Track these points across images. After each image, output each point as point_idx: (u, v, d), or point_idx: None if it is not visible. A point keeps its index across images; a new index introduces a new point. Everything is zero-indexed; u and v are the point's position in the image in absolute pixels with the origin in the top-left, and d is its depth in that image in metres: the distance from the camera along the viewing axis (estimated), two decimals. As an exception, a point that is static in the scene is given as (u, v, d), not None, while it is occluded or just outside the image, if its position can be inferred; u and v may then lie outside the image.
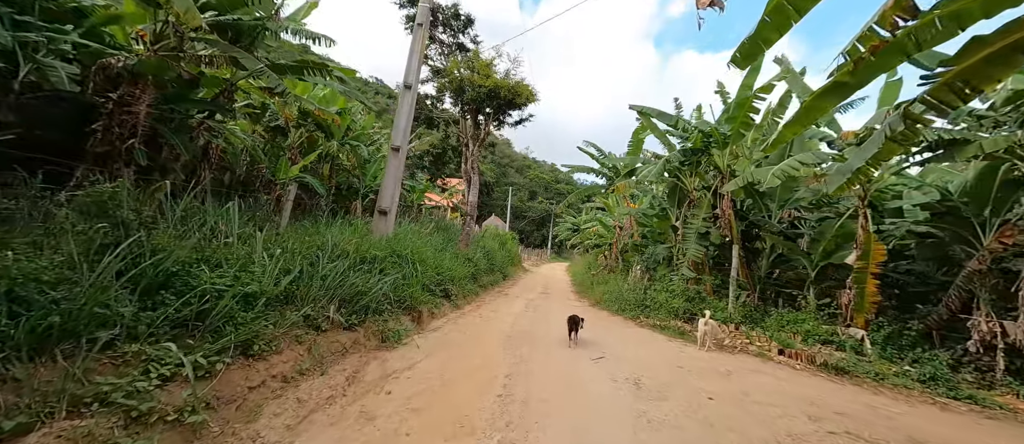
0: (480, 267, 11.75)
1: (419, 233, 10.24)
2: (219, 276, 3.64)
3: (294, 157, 11.60)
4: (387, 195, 7.78)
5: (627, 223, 13.30)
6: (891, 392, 4.93)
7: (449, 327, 6.84)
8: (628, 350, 5.87)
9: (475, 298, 10.42)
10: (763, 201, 8.51)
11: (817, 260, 7.14)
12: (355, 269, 5.57)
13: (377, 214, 7.76)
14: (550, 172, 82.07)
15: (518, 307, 9.83)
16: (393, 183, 7.83)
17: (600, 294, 10.77)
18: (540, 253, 45.77)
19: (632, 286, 9.44)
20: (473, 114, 12.13)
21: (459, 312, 8.28)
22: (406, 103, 8.05)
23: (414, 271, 7.06)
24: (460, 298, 9.30)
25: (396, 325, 5.86)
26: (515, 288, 14.44)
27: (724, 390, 4.25)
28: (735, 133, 7.93)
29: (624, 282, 10.36)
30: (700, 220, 8.41)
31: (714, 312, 7.32)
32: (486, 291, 12.06)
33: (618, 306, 9.07)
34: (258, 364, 3.55)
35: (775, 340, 6.29)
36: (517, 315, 8.62)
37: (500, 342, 6.08)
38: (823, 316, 6.76)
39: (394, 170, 7.85)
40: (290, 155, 11.57)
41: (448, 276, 8.98)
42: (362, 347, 4.93)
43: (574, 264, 28.03)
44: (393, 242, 7.47)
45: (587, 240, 25.24)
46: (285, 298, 4.40)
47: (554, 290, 14.69)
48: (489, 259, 15.33)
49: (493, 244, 19.14)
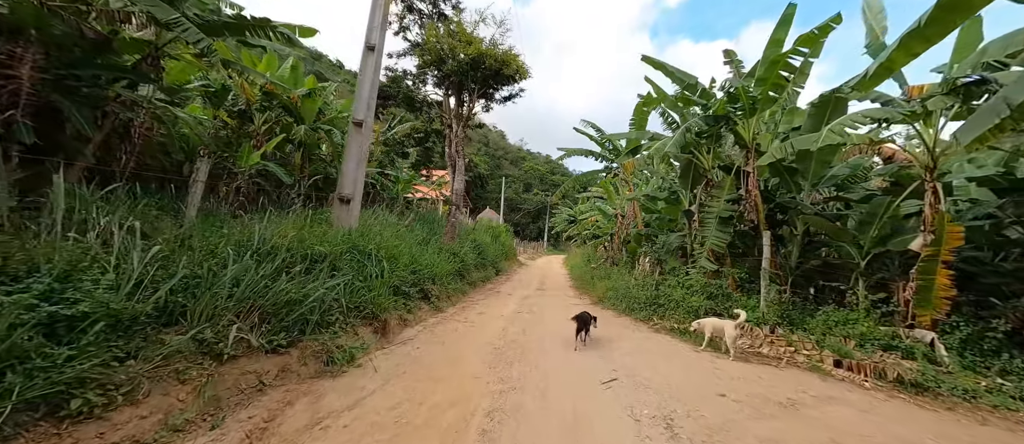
0: (468, 262, 10.48)
1: (395, 225, 8.92)
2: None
3: (259, 143, 10.28)
4: (349, 179, 6.45)
5: (630, 210, 12.05)
6: (997, 417, 3.73)
7: (423, 337, 5.57)
8: (647, 366, 4.62)
9: (461, 298, 9.14)
10: (793, 179, 7.26)
11: (868, 246, 5.91)
12: (290, 270, 4.26)
13: (337, 203, 6.43)
14: (545, 163, 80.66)
15: (510, 307, 8.57)
16: (356, 164, 6.49)
17: (603, 290, 9.53)
18: (536, 246, 44.58)
19: (641, 281, 8.20)
20: (456, 90, 10.74)
21: (439, 316, 7.01)
22: (370, 68, 6.67)
23: (380, 270, 5.76)
24: (442, 299, 8.02)
25: (350, 341, 4.57)
26: (508, 284, 13.19)
27: (801, 437, 3.01)
28: (764, 98, 6.64)
29: (630, 276, 9.13)
30: (722, 203, 7.15)
31: (744, 311, 6.10)
32: (475, 289, 10.79)
33: (625, 305, 7.83)
34: (84, 427, 2.25)
35: (826, 347, 5.07)
36: (509, 318, 7.36)
37: (484, 357, 4.81)
38: (877, 315, 5.55)
39: (356, 149, 6.51)
40: (255, 141, 10.23)
41: (427, 274, 7.69)
42: (292, 377, 3.64)
43: (571, 256, 26.81)
44: (356, 236, 6.16)
45: (585, 231, 24.02)
46: (164, 316, 3.08)
47: (551, 286, 13.45)
48: (480, 253, 14.06)
49: (485, 237, 17.84)
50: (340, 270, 5.14)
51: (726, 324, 5.13)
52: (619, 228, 12.29)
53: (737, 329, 5.04)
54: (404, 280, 6.46)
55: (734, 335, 5.03)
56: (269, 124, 10.90)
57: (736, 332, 5.03)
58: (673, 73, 7.51)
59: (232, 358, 3.29)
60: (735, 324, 5.04)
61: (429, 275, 7.83)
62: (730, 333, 5.02)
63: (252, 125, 10.64)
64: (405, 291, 6.49)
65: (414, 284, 7.02)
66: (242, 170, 8.98)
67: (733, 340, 5.03)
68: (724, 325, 5.14)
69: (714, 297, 6.55)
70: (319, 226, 6.02)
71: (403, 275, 6.43)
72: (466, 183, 42.29)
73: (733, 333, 5.01)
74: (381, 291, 5.45)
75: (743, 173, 7.22)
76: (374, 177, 13.99)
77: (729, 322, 5.13)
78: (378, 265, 5.81)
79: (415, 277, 7.08)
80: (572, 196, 41.15)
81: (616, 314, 7.87)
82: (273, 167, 9.20)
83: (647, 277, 8.17)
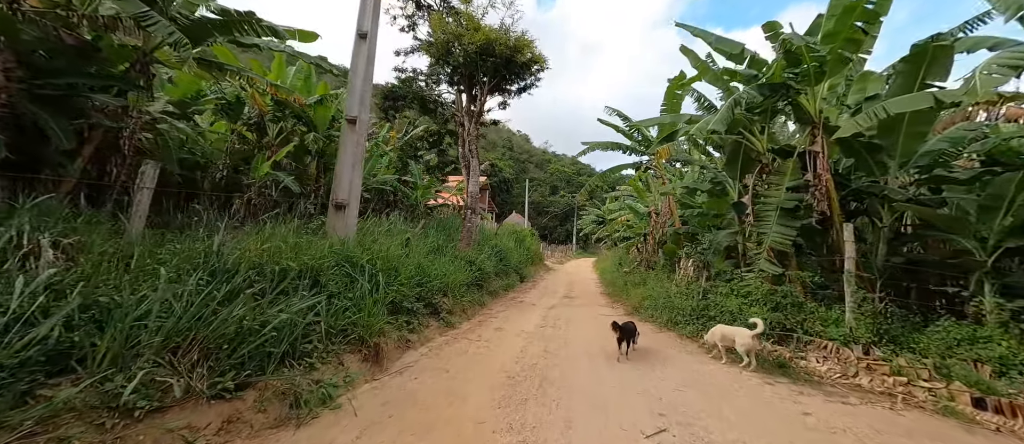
0: (487, 270, 9.60)
1: (405, 232, 8.19)
2: None
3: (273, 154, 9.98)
4: (343, 182, 5.75)
5: (665, 207, 10.77)
6: None
7: (425, 363, 4.70)
8: (706, 408, 3.51)
9: (478, 310, 8.25)
10: (874, 158, 5.86)
11: (995, 238, 4.49)
12: (252, 289, 3.51)
13: (332, 209, 5.74)
14: (571, 165, 79.04)
15: (533, 320, 7.58)
16: (351, 166, 5.79)
17: (639, 298, 8.35)
18: (565, 249, 43.22)
19: (684, 288, 6.99)
20: (466, 83, 9.94)
21: (449, 335, 6.14)
22: (362, 58, 5.97)
23: (374, 286, 4.96)
24: (456, 313, 7.16)
25: (330, 374, 3.77)
26: (533, 292, 12.19)
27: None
28: (834, 59, 5.34)
29: (670, 282, 7.91)
30: (783, 192, 5.87)
31: (824, 326, 4.82)
32: (496, 299, 9.88)
33: (667, 317, 6.64)
34: None
35: (954, 377, 3.74)
36: (529, 335, 6.38)
37: (494, 391, 3.88)
38: (1019, 331, 4.13)
39: (351, 149, 5.81)
40: (270, 153, 9.92)
41: (437, 286, 6.87)
42: (240, 430, 2.84)
43: (601, 260, 25.40)
44: (349, 246, 5.42)
45: (615, 232, 22.61)
46: (58, 360, 2.36)
47: (580, 293, 12.31)
48: (502, 260, 13.16)
49: (508, 242, 16.94)
50: (324, 287, 4.39)
51: (737, 332, 4.57)
52: (653, 227, 11.04)
53: (754, 339, 4.44)
54: (406, 295, 5.65)
55: (749, 345, 4.43)
56: (285, 134, 10.59)
57: (752, 341, 4.44)
58: (715, 41, 6.32)
59: (153, 411, 2.53)
60: (752, 334, 4.44)
61: (439, 287, 7.00)
62: (743, 342, 4.46)
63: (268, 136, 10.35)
64: (408, 307, 5.67)
65: (420, 298, 6.20)
66: (254, 182, 8.60)
67: (747, 350, 4.44)
68: (735, 334, 4.58)
69: (781, 308, 5.28)
70: (308, 237, 5.33)
71: (404, 290, 5.62)
72: (489, 188, 41.48)
73: (747, 342, 4.43)
74: (374, 310, 4.64)
75: (809, 154, 5.91)
76: (393, 184, 13.49)
77: (742, 330, 4.57)
78: (372, 280, 5.02)
79: (421, 290, 6.27)
80: (600, 195, 39.69)
81: (656, 328, 6.70)
82: (283, 177, 8.76)
83: (691, 283, 6.95)
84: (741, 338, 4.51)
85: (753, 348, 4.45)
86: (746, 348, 4.44)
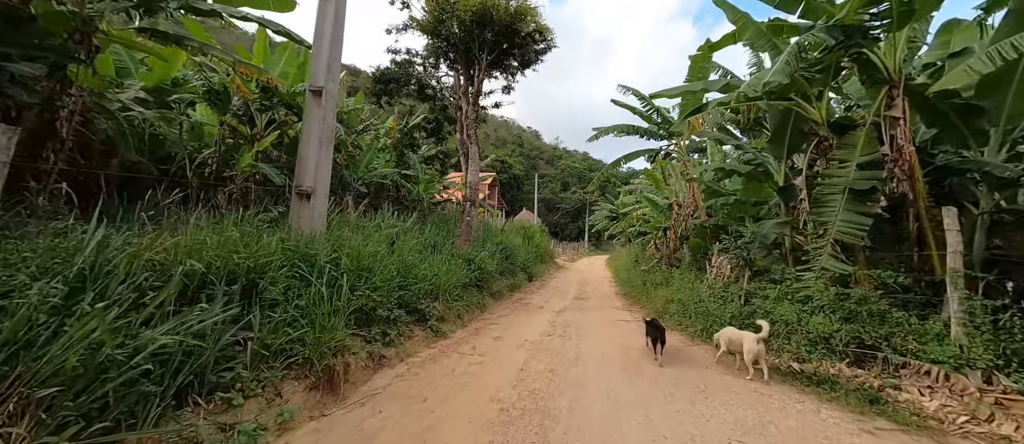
0: (489, 270, 8.57)
1: (393, 226, 7.21)
2: None
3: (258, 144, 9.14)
4: (308, 166, 4.78)
5: (688, 196, 9.55)
6: None
7: (397, 389, 3.70)
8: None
9: (478, 315, 7.23)
10: (969, 126, 4.60)
11: None
12: (145, 298, 2.54)
13: (295, 198, 4.78)
14: (583, 161, 77.48)
15: (539, 327, 6.53)
16: (317, 145, 4.81)
17: (662, 301, 7.20)
18: (576, 246, 41.91)
19: (719, 290, 5.81)
20: (463, 60, 8.90)
21: (438, 346, 5.14)
22: (329, 16, 4.97)
23: (334, 292, 3.96)
24: (449, 319, 6.16)
25: (255, 412, 2.80)
26: (541, 292, 11.12)
27: None
28: (924, -6, 4.10)
29: (699, 282, 6.74)
30: (851, 170, 4.64)
31: (921, 342, 3.64)
32: (499, 302, 8.85)
33: (701, 325, 5.48)
34: None
35: None
36: (534, 346, 5.33)
37: (479, 433, 2.85)
38: None
39: (317, 125, 4.83)
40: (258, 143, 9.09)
41: (425, 289, 5.87)
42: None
43: (615, 257, 24.11)
44: (320, 242, 4.45)
45: (630, 228, 21.34)
46: None
47: (592, 293, 11.18)
48: (507, 258, 12.11)
49: (515, 239, 15.87)
50: (262, 294, 3.40)
51: (745, 336, 4.10)
52: (675, 220, 9.83)
53: (759, 344, 3.95)
54: (382, 301, 4.65)
55: (755, 350, 3.94)
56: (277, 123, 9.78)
57: (758, 346, 3.94)
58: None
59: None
60: (757, 337, 3.96)
61: (428, 290, 6.00)
62: (749, 347, 3.98)
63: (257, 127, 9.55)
64: (385, 315, 4.67)
65: (403, 303, 5.20)
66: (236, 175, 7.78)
67: (752, 356, 3.95)
68: (742, 338, 4.12)
69: (856, 317, 4.08)
70: (260, 230, 4.37)
71: (380, 295, 4.62)
72: (498, 184, 40.47)
73: (753, 348, 3.94)
74: (329, 323, 3.65)
75: (884, 123, 4.68)
76: (394, 178, 12.57)
77: (749, 335, 4.10)
78: (334, 284, 4.02)
79: (405, 294, 5.26)
80: (612, 190, 38.23)
81: (688, 338, 5.55)
82: (264, 168, 7.90)
83: (729, 284, 5.76)
84: (748, 344, 3.99)
85: (760, 354, 3.93)
86: (753, 355, 3.94)
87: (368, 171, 12.55)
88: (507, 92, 11.49)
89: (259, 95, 9.83)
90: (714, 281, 6.12)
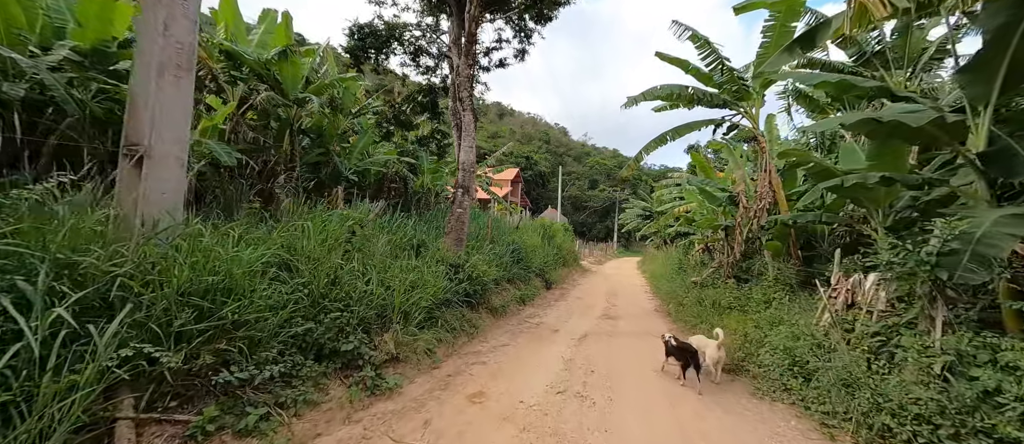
0: (485, 279, 6.36)
1: (345, 217, 5.15)
2: None
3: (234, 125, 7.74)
4: (140, 112, 2.79)
5: (761, 184, 6.95)
6: None
7: None
8: None
9: (460, 346, 5.06)
10: None
11: None
12: None
13: (122, 162, 2.80)
14: (612, 157, 73.74)
15: (547, 370, 4.30)
16: (154, 78, 2.82)
17: (739, 335, 4.73)
18: (604, 247, 38.91)
19: (863, 339, 3.24)
20: (455, 3, 6.72)
21: (365, 417, 3.01)
22: None
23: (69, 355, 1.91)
24: (408, 360, 4.04)
25: None
26: (559, 306, 8.80)
27: None
28: None
29: (800, 309, 4.21)
30: None
31: None
32: (500, 320, 6.65)
33: (838, 404, 3.00)
34: None
35: None
36: (531, 420, 3.13)
37: None
38: None
39: (154, 40, 2.83)
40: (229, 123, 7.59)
41: (363, 314, 3.76)
42: None
43: (649, 260, 21.27)
44: (165, 238, 2.46)
45: (667, 227, 18.55)
46: None
47: (625, 309, 8.75)
48: (519, 262, 9.89)
49: (532, 238, 13.59)
50: None
51: (709, 345, 4.10)
52: (741, 217, 7.26)
53: (720, 350, 4.00)
54: (226, 352, 2.57)
55: (716, 357, 4.02)
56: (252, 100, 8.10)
57: (719, 353, 4.01)
58: None
59: None
60: (718, 344, 4.02)
61: (376, 315, 3.89)
62: (712, 354, 4.04)
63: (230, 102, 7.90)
64: (247, 377, 2.60)
65: (306, 344, 3.11)
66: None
67: (715, 362, 4.02)
68: (707, 345, 4.13)
69: None
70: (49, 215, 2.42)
71: (247, 335, 2.54)
72: (521, 181, 38.25)
73: (715, 355, 4.01)
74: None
75: None
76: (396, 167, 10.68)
77: (712, 342, 4.11)
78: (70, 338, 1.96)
79: (311, 332, 3.17)
80: (645, 187, 34.88)
81: (812, 424, 3.12)
82: (212, 146, 6.14)
83: (886, 329, 3.16)
84: (712, 352, 4.05)
85: (721, 361, 4.07)
86: (714, 360, 4.05)
87: (361, 159, 10.70)
88: (520, 57, 9.25)
89: (225, 63, 8.10)
90: (842, 316, 3.59)
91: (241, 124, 8.17)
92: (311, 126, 9.83)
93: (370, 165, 10.54)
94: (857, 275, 3.57)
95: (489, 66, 8.54)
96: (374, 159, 10.80)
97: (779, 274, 5.52)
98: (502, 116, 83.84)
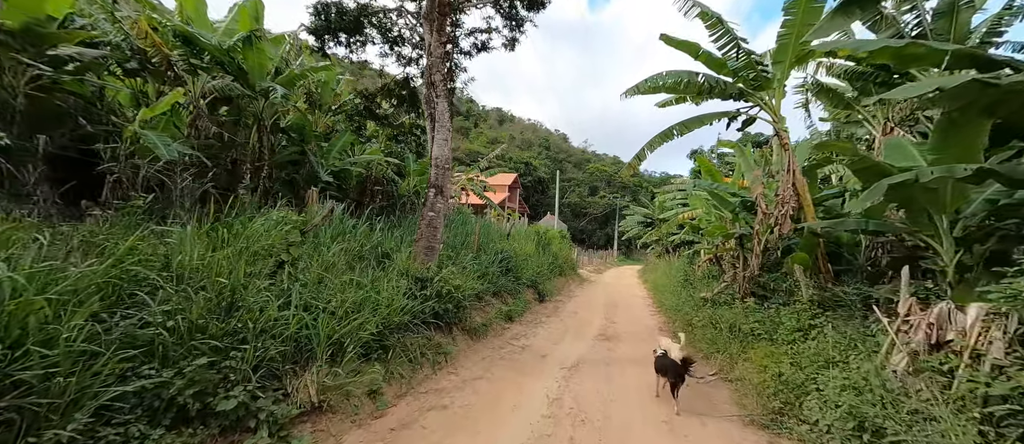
0: (458, 296, 5.33)
1: (281, 227, 4.18)
2: None
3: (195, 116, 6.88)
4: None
5: (786, 187, 6.00)
6: None
7: None
8: None
9: (416, 384, 4.04)
10: None
11: None
12: None
13: None
14: (612, 164, 72.81)
15: (524, 419, 3.30)
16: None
17: (768, 374, 3.73)
18: (604, 255, 37.77)
19: (960, 394, 2.31)
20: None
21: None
22: None
23: None
24: (336, 404, 3.03)
25: None
26: (550, 323, 7.77)
27: None
28: None
29: (862, 347, 3.24)
30: None
31: None
32: (477, 343, 5.63)
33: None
34: None
35: None
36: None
37: None
38: None
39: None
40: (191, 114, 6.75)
41: (277, 351, 2.78)
42: None
43: (649, 268, 20.22)
44: None
45: (670, 235, 17.57)
46: None
47: (625, 326, 7.72)
48: (508, 272, 8.91)
49: (525, 247, 12.60)
50: None
51: (673, 347, 4.07)
52: (760, 225, 6.29)
53: (682, 352, 3.92)
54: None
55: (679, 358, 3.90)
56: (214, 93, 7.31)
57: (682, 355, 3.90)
58: None
59: None
60: (680, 347, 4.04)
61: (267, 356, 2.91)
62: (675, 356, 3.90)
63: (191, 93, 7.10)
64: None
65: (156, 408, 2.13)
66: (119, 150, 5.21)
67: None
68: (670, 349, 4.04)
69: None
70: None
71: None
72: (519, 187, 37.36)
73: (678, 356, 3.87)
74: None
75: None
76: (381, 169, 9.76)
77: (675, 345, 4.10)
78: None
79: (164, 390, 2.20)
80: (645, 193, 33.89)
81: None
82: (149, 136, 5.25)
83: (1009, 386, 2.23)
84: (674, 355, 3.94)
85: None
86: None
87: (341, 158, 9.76)
88: (511, 47, 8.35)
89: (183, 50, 7.20)
90: (927, 361, 2.59)
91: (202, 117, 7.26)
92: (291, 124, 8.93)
93: (348, 165, 9.61)
94: (943, 304, 2.59)
95: (470, 50, 7.61)
96: (354, 159, 9.86)
97: (815, 294, 4.52)
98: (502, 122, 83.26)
